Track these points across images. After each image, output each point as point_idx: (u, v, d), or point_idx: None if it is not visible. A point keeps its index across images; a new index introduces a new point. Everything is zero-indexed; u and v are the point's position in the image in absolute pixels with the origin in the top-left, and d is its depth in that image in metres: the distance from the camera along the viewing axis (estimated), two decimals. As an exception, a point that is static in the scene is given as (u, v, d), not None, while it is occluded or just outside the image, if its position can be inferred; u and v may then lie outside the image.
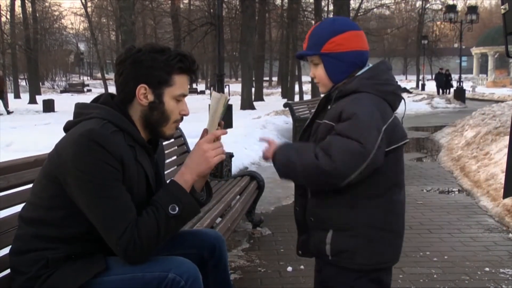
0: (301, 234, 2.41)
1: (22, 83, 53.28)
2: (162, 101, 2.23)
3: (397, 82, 2.34)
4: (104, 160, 2.04)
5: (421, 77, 52.70)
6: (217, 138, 2.27)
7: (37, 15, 48.12)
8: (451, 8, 35.40)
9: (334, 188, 2.14)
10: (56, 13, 59.90)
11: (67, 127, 2.20)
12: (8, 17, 42.42)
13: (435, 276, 4.23)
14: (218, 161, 2.26)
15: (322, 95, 2.39)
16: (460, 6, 48.96)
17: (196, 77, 2.36)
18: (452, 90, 33.94)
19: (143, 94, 2.21)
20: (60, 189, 2.10)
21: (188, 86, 2.32)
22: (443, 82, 36.37)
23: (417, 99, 31.84)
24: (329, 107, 2.29)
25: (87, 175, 2.03)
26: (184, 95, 2.29)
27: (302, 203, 2.35)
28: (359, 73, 2.26)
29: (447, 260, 4.59)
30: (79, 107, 2.25)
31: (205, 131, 2.29)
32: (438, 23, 61.26)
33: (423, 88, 47.11)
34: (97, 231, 2.09)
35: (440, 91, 36.36)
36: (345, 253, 2.20)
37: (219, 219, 4.15)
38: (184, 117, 2.35)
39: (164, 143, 4.90)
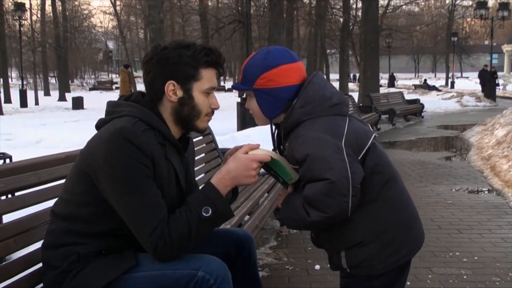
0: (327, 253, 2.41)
1: (52, 80, 54.04)
2: (191, 96, 2.24)
3: (333, 89, 2.25)
4: (136, 157, 2.05)
5: (450, 74, 52.11)
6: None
7: (67, 13, 48.68)
8: (482, 5, 34.93)
9: None
10: (86, 11, 60.67)
11: (99, 125, 2.23)
12: (39, 15, 43.03)
13: (465, 277, 4.19)
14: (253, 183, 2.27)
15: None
16: (491, 2, 48.23)
17: (223, 70, 2.35)
18: (496, 88, 32.68)
19: (172, 90, 2.22)
20: (92, 186, 2.12)
21: (216, 80, 2.31)
22: (487, 80, 35.57)
23: (446, 97, 31.51)
24: (282, 146, 2.28)
25: (119, 173, 2.05)
26: (213, 88, 2.28)
27: (316, 231, 2.38)
28: (294, 102, 2.19)
29: (477, 261, 4.53)
30: (111, 105, 2.27)
31: (256, 147, 2.25)
32: (468, 19, 60.62)
33: (452, 86, 46.56)
34: (128, 227, 2.11)
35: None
36: (362, 263, 2.18)
37: (247, 217, 4.16)
38: (213, 115, 2.35)
39: (193, 140, 4.94)
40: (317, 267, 4.37)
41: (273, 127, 2.33)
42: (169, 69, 2.20)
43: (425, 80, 49.71)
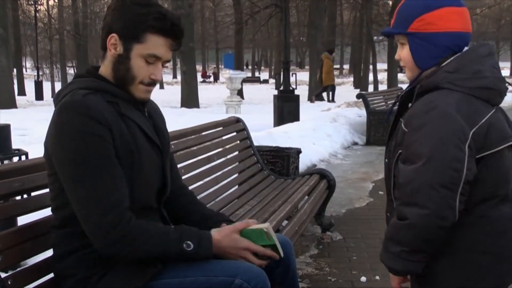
0: None
1: (70, 71, 54.74)
2: (129, 56, 2.24)
3: (496, 70, 2.05)
4: (87, 129, 2.07)
5: (516, 64, 51.30)
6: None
7: (87, -3, 49.30)
8: (554, -16, 34.24)
9: None
10: (107, -5, 61.36)
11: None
12: (56, 0, 43.71)
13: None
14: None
15: (404, 89, 2.25)
16: None
17: (178, 43, 2.31)
18: None
19: (113, 45, 2.25)
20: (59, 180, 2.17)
21: (165, 52, 2.28)
22: None
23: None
24: (409, 104, 2.15)
25: (70, 153, 2.08)
26: (156, 57, 2.26)
27: (391, 210, 2.22)
28: (445, 63, 2.04)
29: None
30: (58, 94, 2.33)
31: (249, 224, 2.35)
32: (538, 1, 59.40)
33: (518, 77, 45.86)
34: None
35: None
36: (425, 270, 2.04)
37: (285, 222, 4.16)
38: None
39: (226, 136, 4.95)
40: (363, 279, 4.33)
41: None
42: (116, 21, 2.24)
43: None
